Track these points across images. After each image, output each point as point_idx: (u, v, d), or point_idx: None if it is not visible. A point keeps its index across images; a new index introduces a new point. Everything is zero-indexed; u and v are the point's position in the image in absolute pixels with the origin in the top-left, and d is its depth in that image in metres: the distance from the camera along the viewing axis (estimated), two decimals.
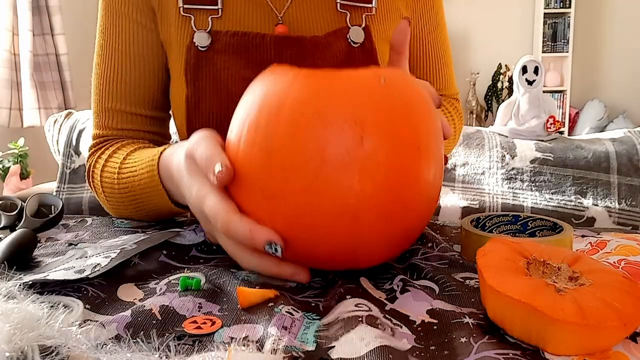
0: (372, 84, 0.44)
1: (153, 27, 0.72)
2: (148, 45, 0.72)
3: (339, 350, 0.35)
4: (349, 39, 0.68)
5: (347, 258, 0.46)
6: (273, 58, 0.66)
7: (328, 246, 0.45)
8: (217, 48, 0.66)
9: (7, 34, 2.51)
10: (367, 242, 0.45)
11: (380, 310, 0.41)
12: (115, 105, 0.73)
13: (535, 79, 1.58)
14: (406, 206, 0.45)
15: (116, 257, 0.49)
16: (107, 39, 0.73)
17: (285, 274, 0.48)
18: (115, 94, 0.73)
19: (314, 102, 0.43)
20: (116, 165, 0.67)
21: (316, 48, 0.67)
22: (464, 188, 1.42)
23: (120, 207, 0.69)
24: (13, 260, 0.51)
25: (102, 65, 0.73)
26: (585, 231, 0.63)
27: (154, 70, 0.73)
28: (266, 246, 0.44)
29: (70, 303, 0.42)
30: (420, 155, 0.44)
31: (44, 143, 1.63)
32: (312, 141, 0.42)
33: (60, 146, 1.41)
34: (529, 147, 1.43)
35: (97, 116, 0.75)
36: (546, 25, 4.53)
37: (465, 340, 0.36)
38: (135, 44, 0.72)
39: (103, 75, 0.73)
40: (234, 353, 0.32)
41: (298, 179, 0.42)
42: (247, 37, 0.66)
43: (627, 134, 1.43)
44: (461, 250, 0.56)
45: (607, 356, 0.34)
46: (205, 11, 0.68)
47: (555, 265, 0.40)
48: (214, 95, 0.66)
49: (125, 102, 0.73)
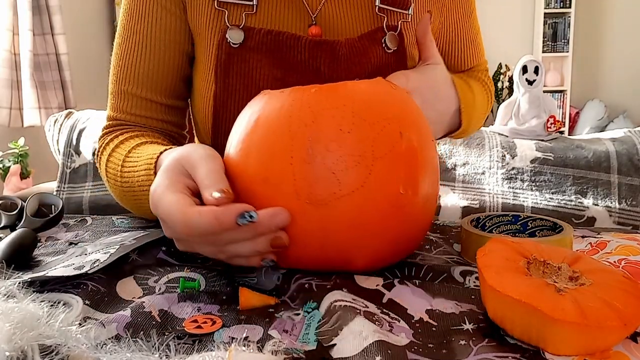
0: (385, 89, 0.49)
1: (180, 14, 0.69)
2: (172, 32, 0.70)
3: (340, 348, 0.35)
4: (384, 43, 0.67)
5: (392, 252, 0.48)
6: (307, 60, 0.65)
7: (377, 241, 0.46)
8: (250, 45, 0.65)
9: (7, 34, 2.51)
10: (412, 232, 0.48)
11: (377, 306, 0.41)
12: (132, 89, 0.71)
13: (535, 79, 1.58)
14: (436, 193, 0.50)
15: (115, 252, 0.49)
16: (130, 20, 0.70)
17: (271, 227, 0.44)
18: (133, 77, 0.71)
19: (349, 106, 0.45)
20: (121, 157, 0.66)
21: (351, 52, 0.66)
22: (464, 188, 1.42)
23: (123, 199, 0.67)
24: (13, 259, 0.51)
25: (122, 46, 0.71)
26: (585, 231, 0.63)
27: (175, 58, 0.71)
28: (239, 220, 0.41)
29: (70, 300, 0.42)
30: (435, 146, 0.50)
31: (44, 143, 1.63)
32: (360, 141, 0.44)
33: (61, 146, 1.41)
34: (529, 147, 1.43)
35: (113, 97, 0.73)
36: (546, 25, 4.53)
37: (465, 343, 0.36)
38: (158, 28, 0.70)
39: (123, 56, 0.71)
40: (234, 353, 0.32)
41: (351, 179, 0.43)
42: (282, 37, 0.65)
43: (628, 134, 1.43)
44: (461, 250, 0.56)
45: (607, 356, 0.34)
46: (239, 6, 0.66)
47: (555, 265, 0.40)
48: (244, 93, 0.65)
49: (143, 87, 0.71)
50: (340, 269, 0.47)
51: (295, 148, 0.44)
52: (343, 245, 0.45)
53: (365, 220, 0.44)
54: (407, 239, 0.48)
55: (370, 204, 0.43)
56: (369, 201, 0.43)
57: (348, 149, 0.43)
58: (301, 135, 0.44)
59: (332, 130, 0.44)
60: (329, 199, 0.43)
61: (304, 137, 0.44)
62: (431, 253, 0.56)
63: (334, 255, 0.45)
